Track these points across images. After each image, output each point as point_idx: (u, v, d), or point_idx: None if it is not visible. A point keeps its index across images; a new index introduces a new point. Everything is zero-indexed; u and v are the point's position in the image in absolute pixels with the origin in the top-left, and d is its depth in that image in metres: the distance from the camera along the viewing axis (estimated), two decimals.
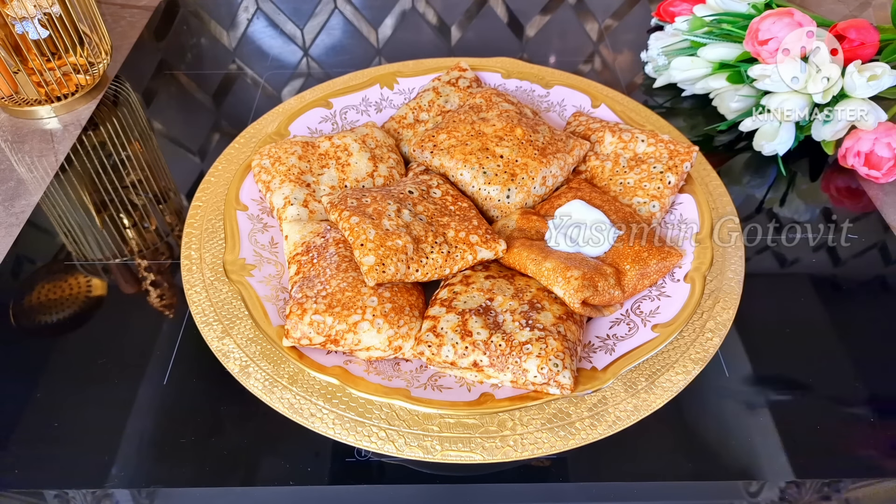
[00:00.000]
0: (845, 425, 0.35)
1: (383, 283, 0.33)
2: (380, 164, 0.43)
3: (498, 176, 0.40)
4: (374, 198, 0.37)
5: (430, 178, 0.40)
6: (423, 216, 0.36)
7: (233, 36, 0.66)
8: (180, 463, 0.32)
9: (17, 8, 0.48)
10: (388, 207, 0.36)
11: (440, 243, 0.35)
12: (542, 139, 0.42)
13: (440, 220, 0.37)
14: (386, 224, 0.35)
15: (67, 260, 0.43)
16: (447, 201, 0.38)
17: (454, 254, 0.35)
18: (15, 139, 0.52)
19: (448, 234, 0.36)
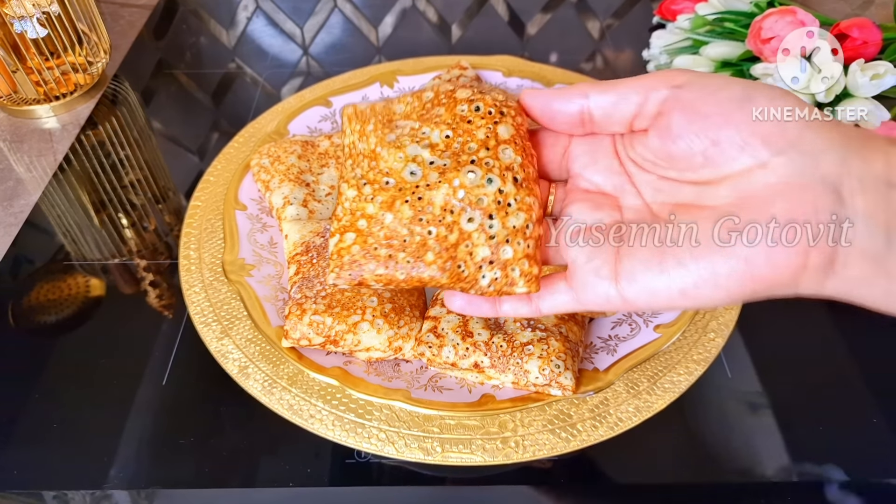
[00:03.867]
0: (849, 426, 0.34)
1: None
2: None
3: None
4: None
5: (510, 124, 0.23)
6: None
7: (232, 35, 0.65)
8: (179, 464, 0.32)
9: (16, 7, 0.48)
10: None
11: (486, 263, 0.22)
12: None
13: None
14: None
15: (66, 260, 0.43)
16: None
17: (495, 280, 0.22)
18: (13, 138, 0.52)
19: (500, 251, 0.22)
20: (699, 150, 0.19)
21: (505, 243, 0.22)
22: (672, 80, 0.20)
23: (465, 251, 0.22)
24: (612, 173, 0.23)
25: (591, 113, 0.22)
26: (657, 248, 0.20)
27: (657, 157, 0.21)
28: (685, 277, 0.19)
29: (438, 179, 0.22)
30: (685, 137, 0.19)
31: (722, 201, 0.19)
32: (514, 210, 0.22)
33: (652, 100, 0.20)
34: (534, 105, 0.22)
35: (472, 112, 0.23)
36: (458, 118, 0.22)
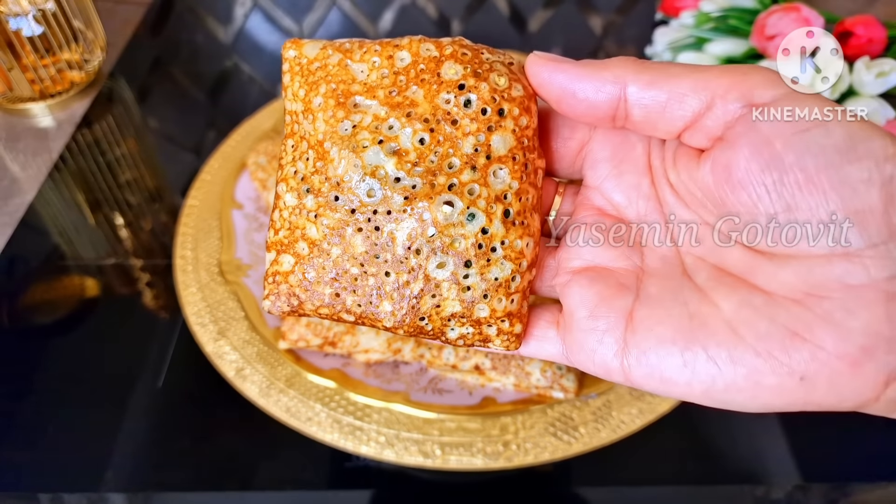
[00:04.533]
0: (854, 428, 0.34)
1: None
2: None
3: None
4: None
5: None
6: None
7: (229, 31, 0.65)
8: (176, 467, 0.32)
9: (12, 4, 0.47)
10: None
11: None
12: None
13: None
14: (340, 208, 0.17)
15: (61, 260, 0.42)
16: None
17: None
18: (8, 137, 0.51)
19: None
20: (765, 212, 0.14)
21: (482, 300, 0.16)
22: (753, 90, 0.14)
23: (430, 303, 0.17)
24: (641, 196, 0.17)
25: (627, 109, 0.15)
26: (685, 323, 0.14)
27: (706, 195, 0.15)
28: (715, 376, 0.14)
29: (404, 207, 0.16)
30: (750, 187, 0.14)
31: (782, 290, 0.14)
32: (497, 259, 0.16)
33: (717, 113, 0.14)
34: (548, 84, 0.16)
35: (459, 107, 0.16)
36: (439, 113, 0.16)
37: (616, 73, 0.15)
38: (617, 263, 0.17)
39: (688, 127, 0.15)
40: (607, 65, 0.15)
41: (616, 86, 0.15)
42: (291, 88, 0.18)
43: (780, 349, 0.13)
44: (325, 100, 0.17)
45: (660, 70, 0.15)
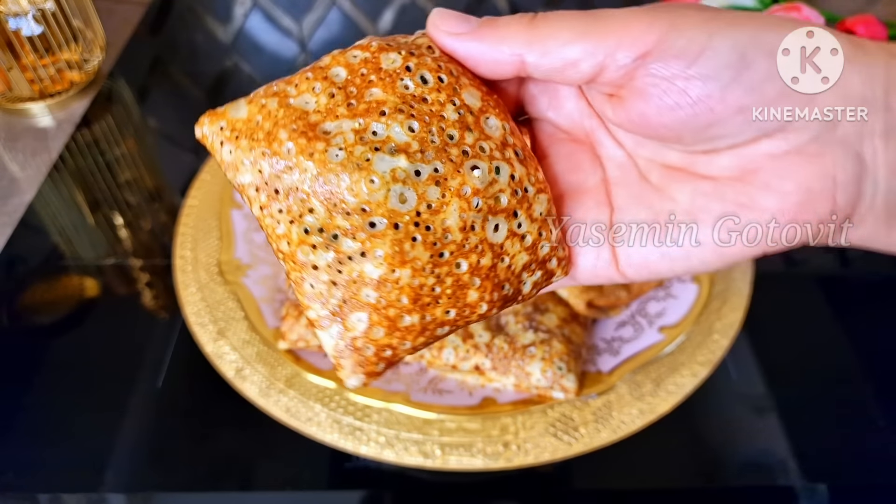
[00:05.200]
0: (855, 430, 0.34)
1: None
2: None
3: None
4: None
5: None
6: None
7: (229, 31, 0.65)
8: (175, 467, 0.32)
9: (11, 4, 0.47)
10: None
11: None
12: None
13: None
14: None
15: (61, 260, 0.42)
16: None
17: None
18: (7, 137, 0.51)
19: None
20: (692, 139, 0.16)
21: (540, 238, 0.17)
22: (638, 40, 0.15)
23: (504, 268, 0.16)
24: (583, 116, 0.18)
25: (529, 72, 0.16)
26: (653, 221, 0.17)
27: (634, 125, 0.16)
28: (689, 258, 0.17)
29: (441, 193, 0.15)
30: (668, 127, 0.15)
31: (724, 173, 0.16)
32: (533, 196, 0.17)
33: (612, 70, 0.15)
34: (453, 52, 0.17)
35: (419, 85, 0.16)
36: (408, 98, 0.16)
37: (511, 47, 0.16)
38: (587, 183, 0.18)
39: (590, 82, 0.16)
40: (503, 38, 0.16)
41: (514, 57, 0.16)
42: (240, 156, 0.16)
43: (727, 240, 0.16)
44: (295, 142, 0.15)
45: (551, 37, 0.16)
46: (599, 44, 0.15)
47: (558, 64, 0.16)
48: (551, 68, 0.16)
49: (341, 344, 0.16)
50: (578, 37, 0.15)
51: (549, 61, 0.16)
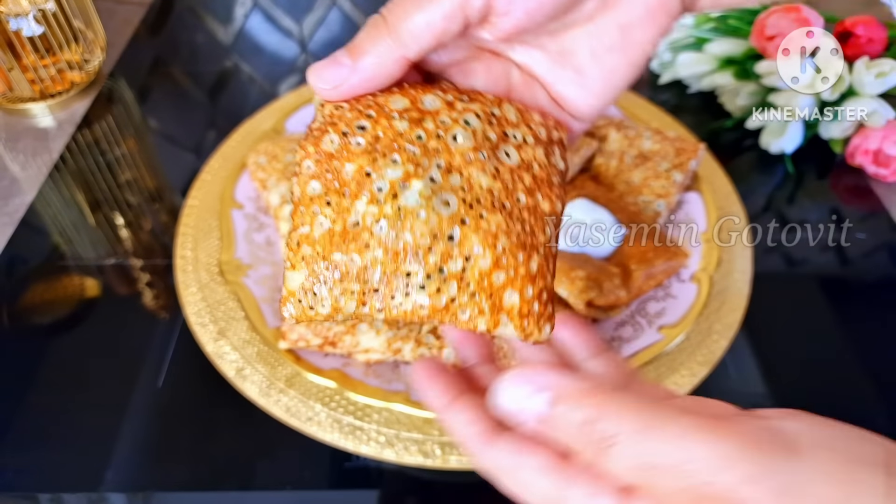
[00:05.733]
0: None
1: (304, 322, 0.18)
2: None
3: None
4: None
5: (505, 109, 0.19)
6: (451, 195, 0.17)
7: (229, 31, 0.65)
8: (176, 466, 0.32)
9: (12, 4, 0.47)
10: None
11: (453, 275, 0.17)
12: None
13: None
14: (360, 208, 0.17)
15: (61, 260, 0.42)
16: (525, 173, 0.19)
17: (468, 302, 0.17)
18: (8, 137, 0.51)
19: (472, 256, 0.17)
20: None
21: (532, 130, 0.19)
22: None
23: (538, 169, 0.19)
24: (475, 47, 0.20)
25: (418, 60, 0.18)
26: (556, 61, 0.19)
27: (514, 28, 0.18)
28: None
29: (459, 173, 0.18)
30: (533, 9, 0.17)
31: (592, 13, 0.18)
32: (501, 113, 0.19)
33: (472, 8, 0.17)
34: (353, 93, 0.18)
35: (360, 133, 0.18)
36: (368, 149, 0.18)
37: (390, 58, 0.17)
38: (512, 78, 0.20)
39: (466, 30, 0.18)
40: (378, 57, 0.18)
41: (399, 62, 0.18)
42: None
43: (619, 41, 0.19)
44: (352, 254, 0.17)
45: (411, 23, 0.17)
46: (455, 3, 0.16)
47: (431, 40, 0.17)
48: (429, 47, 0.17)
49: (530, 323, 0.18)
50: (429, 3, 0.16)
51: (423, 44, 0.17)
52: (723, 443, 0.12)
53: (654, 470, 0.13)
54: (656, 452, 0.13)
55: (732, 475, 0.12)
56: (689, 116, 0.55)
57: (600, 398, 0.14)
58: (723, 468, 0.12)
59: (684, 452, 0.13)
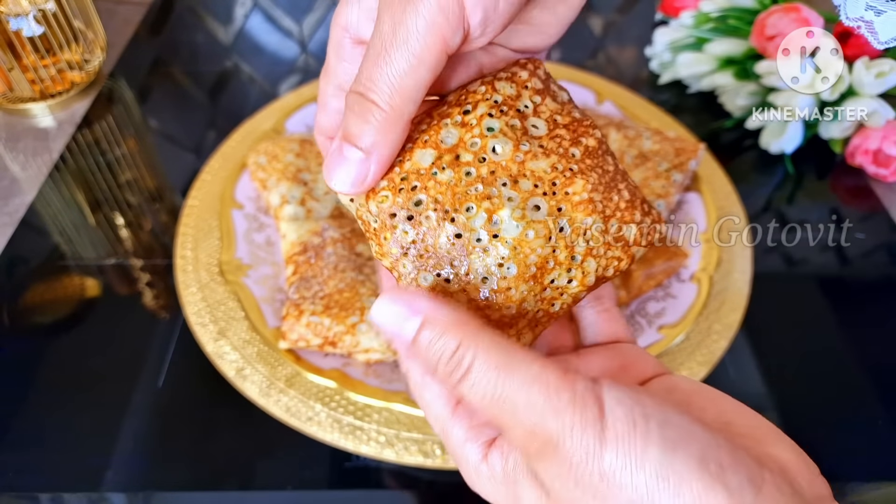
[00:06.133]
0: (853, 428, 0.34)
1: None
2: None
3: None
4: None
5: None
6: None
7: (229, 31, 0.65)
8: (176, 467, 0.32)
9: (12, 4, 0.47)
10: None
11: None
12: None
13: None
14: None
15: (62, 260, 0.42)
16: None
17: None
18: (9, 137, 0.51)
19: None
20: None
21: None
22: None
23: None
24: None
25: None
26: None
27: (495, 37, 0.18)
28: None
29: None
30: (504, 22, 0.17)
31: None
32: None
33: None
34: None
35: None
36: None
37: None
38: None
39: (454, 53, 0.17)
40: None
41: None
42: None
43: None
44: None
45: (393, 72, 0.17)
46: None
47: (423, 91, 0.17)
48: (422, 98, 0.17)
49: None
50: (415, 65, 0.16)
51: (418, 99, 0.17)
52: (556, 397, 0.14)
53: (501, 404, 0.14)
54: (504, 390, 0.14)
55: (558, 423, 0.14)
56: (688, 116, 0.55)
57: (464, 331, 0.15)
58: (552, 416, 0.14)
59: (526, 395, 0.14)
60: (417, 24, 0.15)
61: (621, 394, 0.14)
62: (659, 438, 0.13)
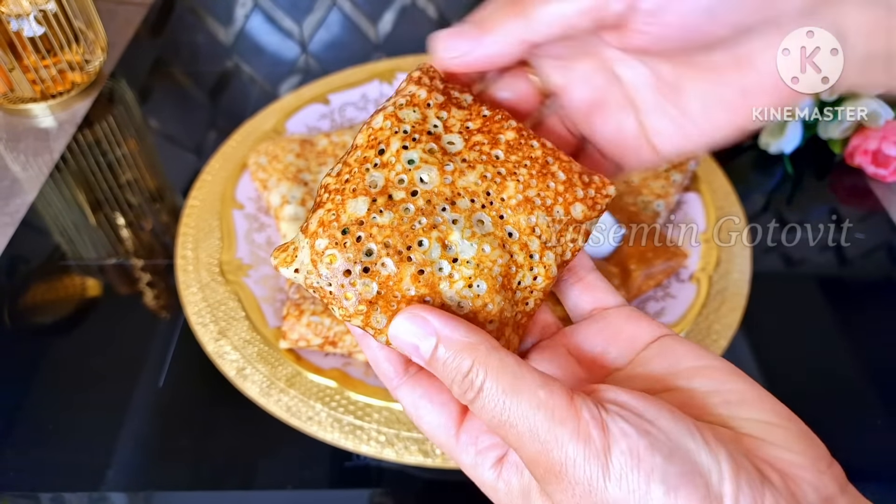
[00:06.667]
0: (852, 429, 0.34)
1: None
2: None
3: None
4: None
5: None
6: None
7: (230, 32, 0.65)
8: (177, 466, 0.32)
9: (13, 5, 0.47)
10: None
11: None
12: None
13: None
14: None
15: (62, 260, 0.42)
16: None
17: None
18: (10, 137, 0.51)
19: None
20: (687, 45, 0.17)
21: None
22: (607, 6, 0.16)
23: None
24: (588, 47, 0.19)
25: (538, 49, 0.18)
26: (676, 117, 0.19)
27: (646, 45, 0.17)
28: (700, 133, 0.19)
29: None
30: (672, 35, 0.16)
31: (718, 65, 0.18)
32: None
33: (610, 10, 0.16)
34: (469, 68, 0.18)
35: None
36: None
37: (516, 40, 0.17)
38: (610, 96, 0.19)
39: (593, 31, 0.17)
40: (506, 36, 0.17)
41: (522, 46, 0.17)
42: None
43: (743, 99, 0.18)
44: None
45: (544, 10, 0.17)
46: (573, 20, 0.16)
47: (559, 31, 0.17)
48: (555, 37, 0.17)
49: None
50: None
51: (551, 33, 0.17)
52: (560, 427, 0.14)
53: (508, 428, 0.15)
54: (510, 415, 0.15)
55: (561, 453, 0.14)
56: None
57: (477, 352, 0.15)
58: (556, 446, 0.14)
59: (531, 422, 0.14)
60: None
61: (626, 424, 0.14)
62: (662, 476, 0.13)
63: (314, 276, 0.17)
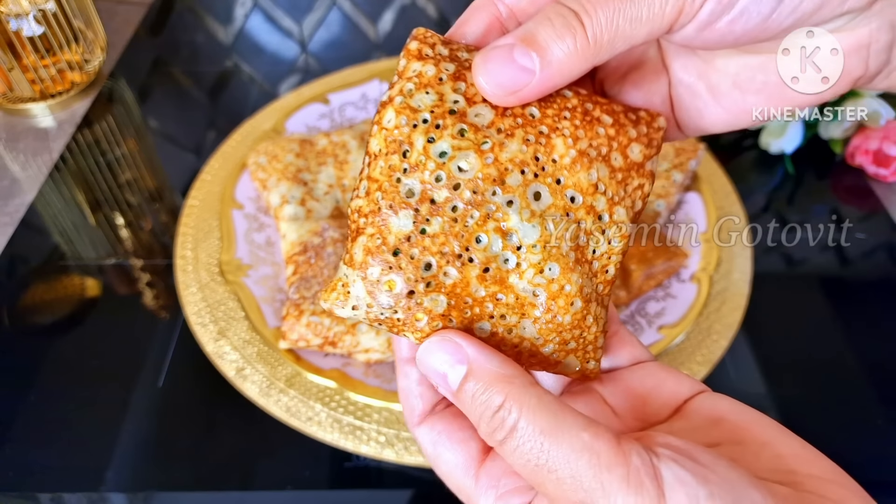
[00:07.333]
0: (852, 428, 0.34)
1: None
2: None
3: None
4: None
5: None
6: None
7: (229, 31, 0.65)
8: (176, 466, 0.32)
9: (12, 4, 0.47)
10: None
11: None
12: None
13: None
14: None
15: (62, 260, 0.42)
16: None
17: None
18: (9, 137, 0.51)
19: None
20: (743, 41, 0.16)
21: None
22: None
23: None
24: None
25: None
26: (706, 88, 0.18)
27: (701, 43, 0.16)
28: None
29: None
30: (730, 36, 0.16)
31: (767, 51, 0.17)
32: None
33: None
34: (527, 100, 0.16)
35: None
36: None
37: (581, 68, 0.16)
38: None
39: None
40: (570, 70, 0.15)
41: (586, 69, 0.16)
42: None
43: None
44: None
45: (613, 36, 0.15)
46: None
47: (623, 49, 0.15)
48: (618, 52, 0.15)
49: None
50: (640, 21, 0.14)
51: (615, 53, 0.15)
52: (607, 473, 0.13)
53: (545, 474, 0.13)
54: (549, 458, 0.13)
55: (609, 502, 0.12)
56: None
57: (510, 387, 0.14)
58: (602, 495, 0.13)
59: (573, 467, 0.13)
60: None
61: (682, 471, 0.13)
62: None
63: (376, 308, 0.15)
